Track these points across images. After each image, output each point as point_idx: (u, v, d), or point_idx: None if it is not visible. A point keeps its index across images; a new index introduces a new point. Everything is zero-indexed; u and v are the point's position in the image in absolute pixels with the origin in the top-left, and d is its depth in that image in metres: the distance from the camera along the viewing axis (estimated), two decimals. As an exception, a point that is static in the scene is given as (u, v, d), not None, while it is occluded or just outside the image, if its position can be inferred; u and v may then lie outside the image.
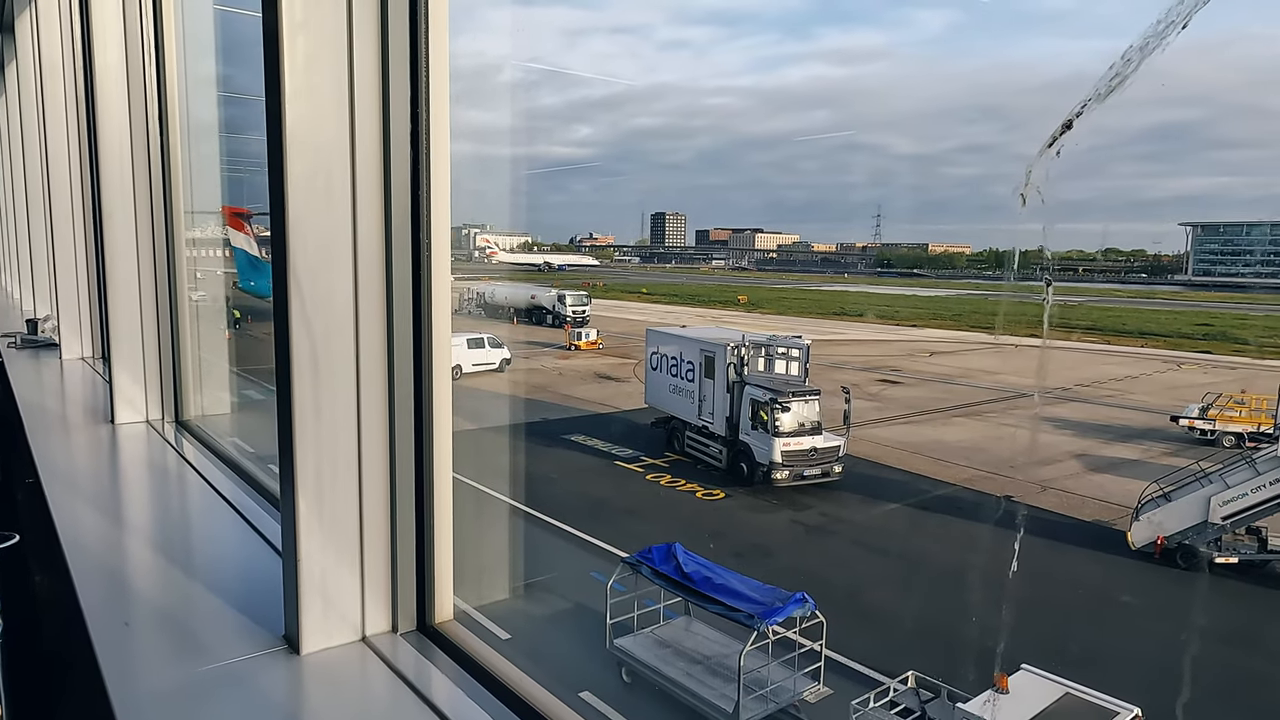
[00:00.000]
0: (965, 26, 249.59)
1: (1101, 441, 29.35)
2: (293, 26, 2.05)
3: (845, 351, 48.61)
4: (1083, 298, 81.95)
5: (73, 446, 4.75)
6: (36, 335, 7.99)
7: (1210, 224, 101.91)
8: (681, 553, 14.46)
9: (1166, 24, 1.34)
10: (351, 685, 2.19)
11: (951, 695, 12.40)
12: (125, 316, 4.91)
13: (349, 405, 2.26)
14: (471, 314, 57.10)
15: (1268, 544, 19.29)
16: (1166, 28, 1.34)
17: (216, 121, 6.05)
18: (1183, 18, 1.34)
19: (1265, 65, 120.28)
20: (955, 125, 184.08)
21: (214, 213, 10.01)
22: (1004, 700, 11.63)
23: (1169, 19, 1.34)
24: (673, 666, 13.88)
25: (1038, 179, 1.78)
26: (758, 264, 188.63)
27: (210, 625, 2.47)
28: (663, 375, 29.76)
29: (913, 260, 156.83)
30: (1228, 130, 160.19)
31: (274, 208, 2.14)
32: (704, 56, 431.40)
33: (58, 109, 6.48)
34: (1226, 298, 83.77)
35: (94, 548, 3.12)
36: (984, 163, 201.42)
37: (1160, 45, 1.35)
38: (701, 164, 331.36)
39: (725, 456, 26.29)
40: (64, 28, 6.33)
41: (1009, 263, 57.76)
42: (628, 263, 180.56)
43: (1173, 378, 41.28)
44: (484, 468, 22.06)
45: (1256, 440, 23.79)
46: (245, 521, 3.28)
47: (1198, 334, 56.40)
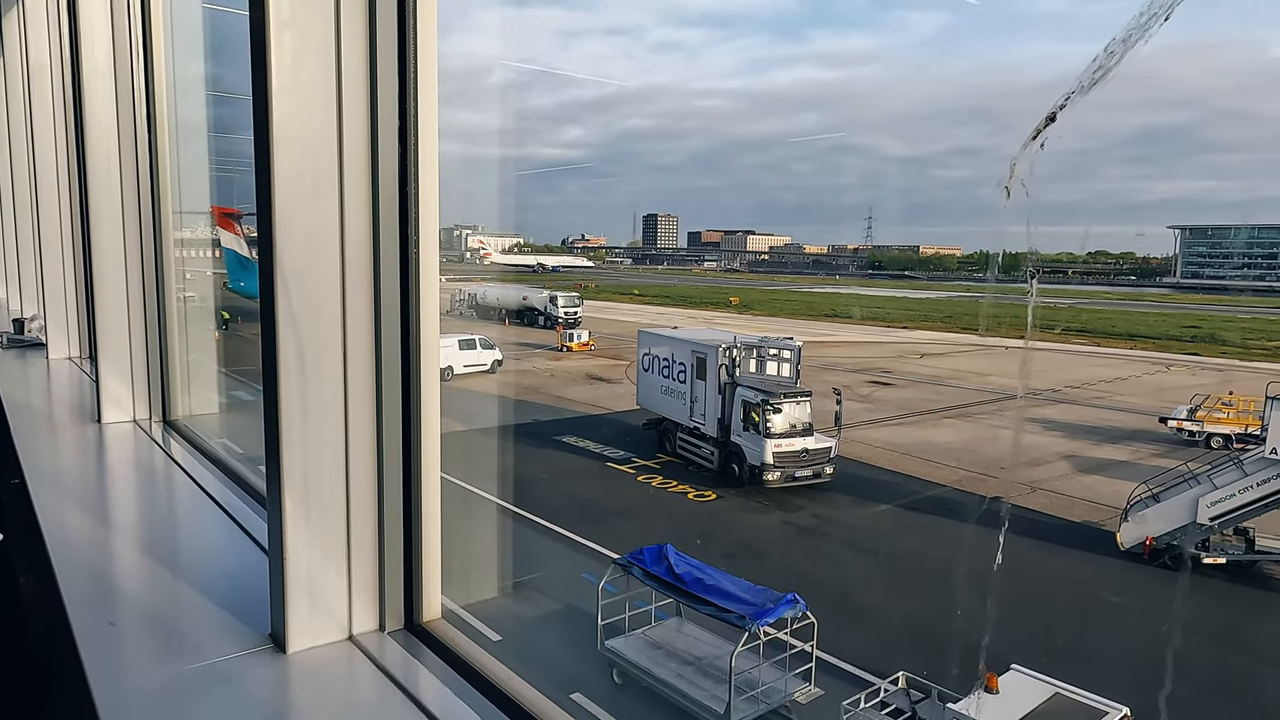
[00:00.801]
0: (956, 29, 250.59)
1: (1091, 443, 29.51)
2: (280, 23, 2.04)
3: (836, 353, 48.73)
4: (1072, 300, 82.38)
5: (59, 446, 4.72)
6: (23, 335, 7.93)
7: (1198, 227, 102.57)
8: (673, 554, 14.46)
9: (1149, 15, 1.35)
10: (338, 684, 2.19)
11: (942, 695, 12.44)
12: (113, 316, 4.88)
13: (336, 404, 2.26)
14: (463, 315, 56.99)
15: (1255, 545, 19.42)
16: (1149, 19, 1.35)
17: (205, 121, 6.03)
18: (1165, 9, 1.35)
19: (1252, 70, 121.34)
20: (946, 127, 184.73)
21: (203, 213, 9.97)
22: (993, 700, 11.67)
23: (1151, 10, 1.35)
24: (664, 668, 13.87)
25: (1022, 173, 1.79)
26: (749, 266, 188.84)
27: (196, 624, 2.45)
28: (654, 376, 29.77)
29: (904, 262, 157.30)
30: (1216, 134, 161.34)
31: (261, 205, 2.13)
32: (697, 58, 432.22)
33: (44, 107, 6.44)
34: (1215, 300, 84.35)
35: (79, 547, 3.10)
36: (974, 165, 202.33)
37: (1143, 37, 1.36)
38: (693, 165, 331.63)
39: (717, 458, 26.32)
40: (51, 26, 6.30)
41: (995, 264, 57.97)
42: (619, 264, 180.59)
43: (1161, 379, 41.53)
44: (476, 469, 22.06)
45: (1244, 442, 23.94)
46: (233, 520, 3.27)
47: (1186, 336, 56.77)
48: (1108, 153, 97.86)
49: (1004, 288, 74.51)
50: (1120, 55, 1.40)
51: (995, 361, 47.14)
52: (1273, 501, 18.88)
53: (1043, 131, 1.74)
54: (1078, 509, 22.90)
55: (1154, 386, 39.32)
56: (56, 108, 6.46)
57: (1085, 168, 68.98)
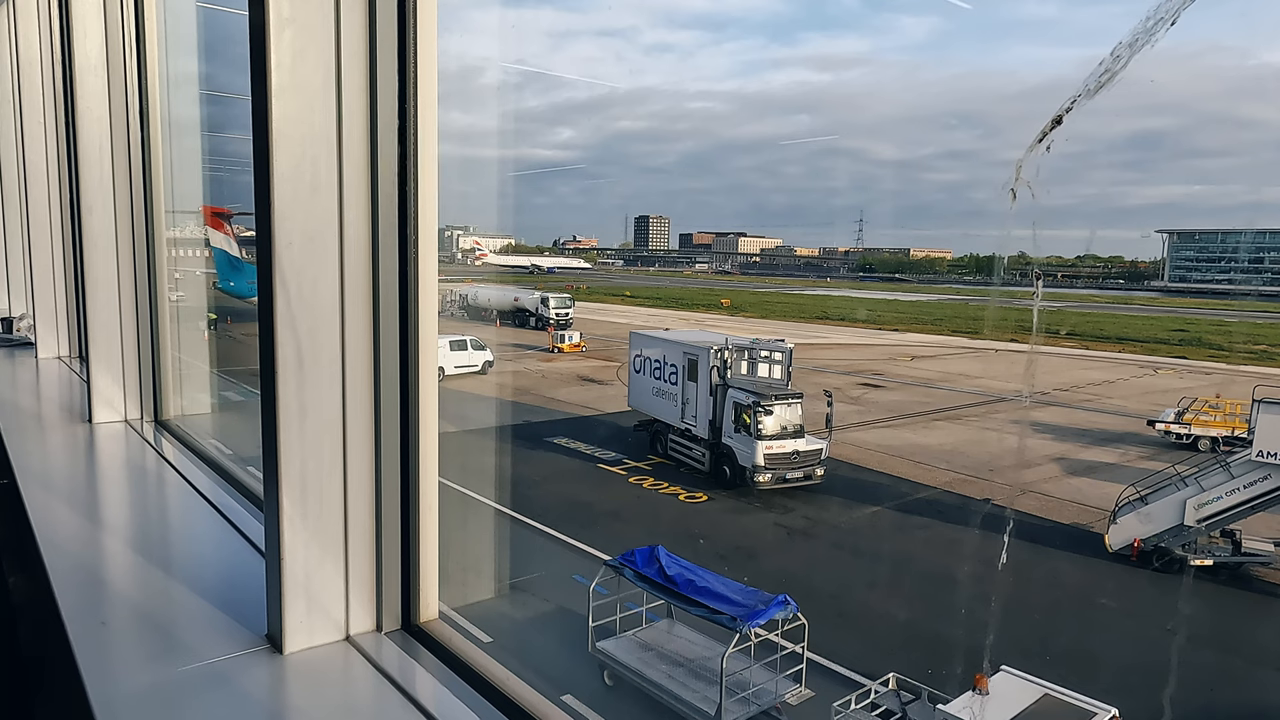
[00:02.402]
0: (947, 33, 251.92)
1: (1080, 445, 29.69)
2: (279, 21, 2.03)
3: (828, 355, 48.88)
4: (1061, 303, 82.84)
5: (49, 446, 4.68)
6: (11, 334, 7.88)
7: (1186, 231, 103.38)
8: (664, 555, 14.47)
9: (1155, 20, 1.35)
10: (335, 684, 2.18)
11: (932, 697, 12.48)
12: (104, 315, 4.84)
13: (334, 403, 2.24)
14: (454, 316, 56.87)
15: (1241, 546, 19.58)
16: (1156, 24, 1.35)
17: (197, 119, 5.99)
18: (1171, 14, 1.35)
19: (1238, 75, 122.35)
20: (935, 131, 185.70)
21: (193, 212, 9.90)
22: (984, 701, 11.72)
23: (1158, 15, 1.35)
24: (655, 669, 13.87)
25: (1028, 175, 1.79)
26: (741, 268, 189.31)
27: (191, 625, 2.44)
28: (646, 378, 29.78)
29: (895, 265, 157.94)
30: (1203, 139, 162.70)
31: (259, 204, 2.12)
32: (689, 60, 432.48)
33: (34, 101, 6.38)
34: (1202, 304, 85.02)
35: (72, 548, 3.08)
36: (964, 168, 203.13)
37: (1149, 41, 1.36)
38: (685, 167, 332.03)
39: (708, 459, 26.34)
40: (41, 20, 6.25)
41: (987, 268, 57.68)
42: (611, 265, 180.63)
43: (1149, 382, 41.83)
44: (466, 470, 22.02)
45: (1231, 444, 24.13)
46: (226, 521, 3.25)
47: (1174, 339, 57.20)
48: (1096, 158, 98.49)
49: (995, 290, 74.82)
50: (1127, 60, 1.40)
51: (986, 364, 47.38)
52: (1259, 503, 19.05)
53: (1049, 135, 1.74)
54: (1067, 511, 23.03)
55: (1142, 389, 39.60)
56: (46, 102, 6.41)
57: (1073, 173, 69.43)
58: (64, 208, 6.43)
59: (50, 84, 6.27)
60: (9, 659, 3.60)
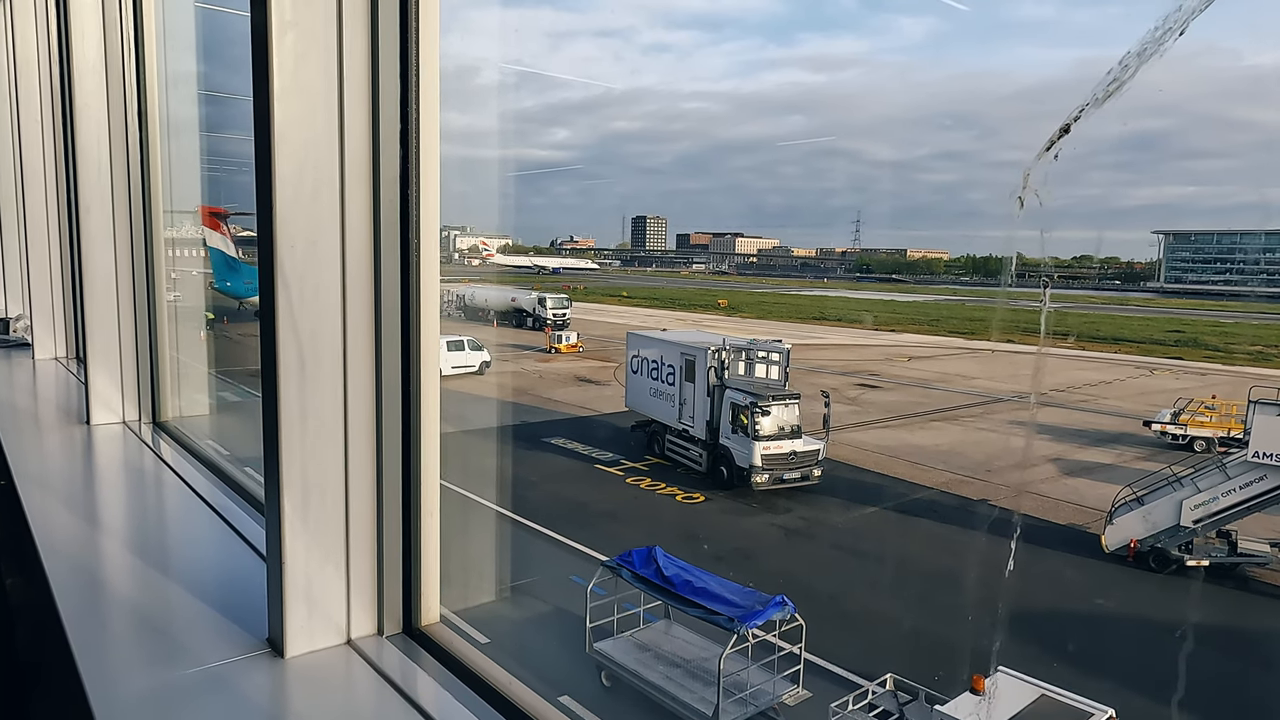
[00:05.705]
0: (944, 34, 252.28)
1: (1076, 446, 29.74)
2: (282, 24, 2.03)
3: (825, 356, 48.91)
4: (1061, 303, 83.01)
5: (47, 448, 4.66)
6: (8, 335, 7.85)
7: (1182, 232, 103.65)
8: (661, 556, 14.46)
9: (1164, 30, 1.35)
10: (336, 688, 2.17)
11: (929, 697, 12.48)
12: (102, 316, 4.82)
13: (336, 406, 2.24)
14: (451, 316, 56.83)
15: (1237, 547, 19.63)
16: (1164, 34, 1.35)
17: (196, 120, 5.98)
18: (1180, 24, 1.35)
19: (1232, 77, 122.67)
20: (931, 132, 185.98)
21: (190, 212, 9.88)
22: (981, 702, 11.72)
23: (1167, 25, 1.36)
24: (652, 670, 13.86)
25: (1035, 182, 1.79)
26: (738, 268, 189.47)
27: (191, 628, 2.43)
28: (643, 379, 29.77)
29: (892, 265, 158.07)
30: (1198, 141, 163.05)
31: (261, 207, 2.12)
32: (686, 60, 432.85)
33: (31, 101, 6.36)
34: (1198, 305, 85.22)
35: (70, 550, 3.07)
36: (960, 169, 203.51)
37: (1158, 51, 1.36)
38: (681, 168, 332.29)
39: (705, 460, 26.34)
40: (39, 20, 6.22)
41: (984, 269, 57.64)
42: (608, 266, 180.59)
43: (1145, 383, 41.90)
44: (463, 471, 21.96)
45: (1227, 445, 24.18)
46: (226, 524, 3.24)
47: (1170, 340, 57.33)
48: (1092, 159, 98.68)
49: (992, 291, 74.90)
50: (1135, 69, 1.41)
51: (983, 365, 47.45)
52: (1255, 504, 19.09)
53: (1057, 143, 1.74)
54: (1064, 512, 23.07)
55: (1138, 390, 39.68)
56: (44, 102, 6.39)
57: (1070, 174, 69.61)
58: (61, 209, 6.41)
59: (48, 84, 6.25)
60: (6, 662, 3.59)
